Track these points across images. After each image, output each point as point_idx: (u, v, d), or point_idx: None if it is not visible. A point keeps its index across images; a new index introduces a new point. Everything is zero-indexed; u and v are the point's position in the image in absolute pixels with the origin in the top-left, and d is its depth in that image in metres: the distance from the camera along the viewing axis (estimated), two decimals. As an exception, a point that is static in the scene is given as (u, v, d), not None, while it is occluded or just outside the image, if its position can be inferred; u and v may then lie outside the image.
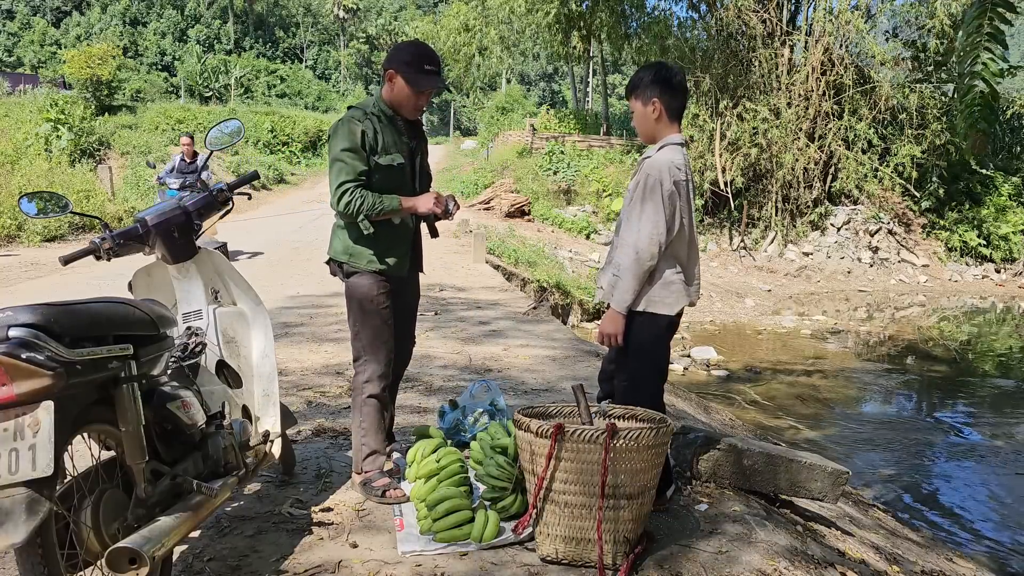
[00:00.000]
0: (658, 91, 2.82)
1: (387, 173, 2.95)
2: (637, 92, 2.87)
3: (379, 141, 2.93)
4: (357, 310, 3.04)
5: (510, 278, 10.71)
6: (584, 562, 2.50)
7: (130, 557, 1.80)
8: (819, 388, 8.54)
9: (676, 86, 2.84)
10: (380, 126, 2.95)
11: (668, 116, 2.84)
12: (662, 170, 2.74)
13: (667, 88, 2.82)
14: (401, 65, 2.91)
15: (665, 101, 2.82)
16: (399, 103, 2.97)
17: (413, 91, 2.92)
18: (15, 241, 12.20)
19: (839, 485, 3.33)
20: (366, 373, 3.04)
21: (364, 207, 2.86)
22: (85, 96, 24.25)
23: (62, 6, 62.93)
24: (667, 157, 2.78)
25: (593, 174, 20.56)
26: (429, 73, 2.91)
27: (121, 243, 2.57)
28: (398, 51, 2.97)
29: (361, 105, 3.01)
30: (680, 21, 21.25)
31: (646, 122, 2.86)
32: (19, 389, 1.67)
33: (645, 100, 2.84)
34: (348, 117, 2.96)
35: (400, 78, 2.91)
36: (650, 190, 2.73)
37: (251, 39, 64.85)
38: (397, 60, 2.92)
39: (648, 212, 2.73)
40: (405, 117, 3.02)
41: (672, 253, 2.83)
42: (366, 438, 3.05)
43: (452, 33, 29.33)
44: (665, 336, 2.93)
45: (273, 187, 22.75)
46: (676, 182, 2.75)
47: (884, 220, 18.03)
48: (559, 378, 5.18)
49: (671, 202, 2.74)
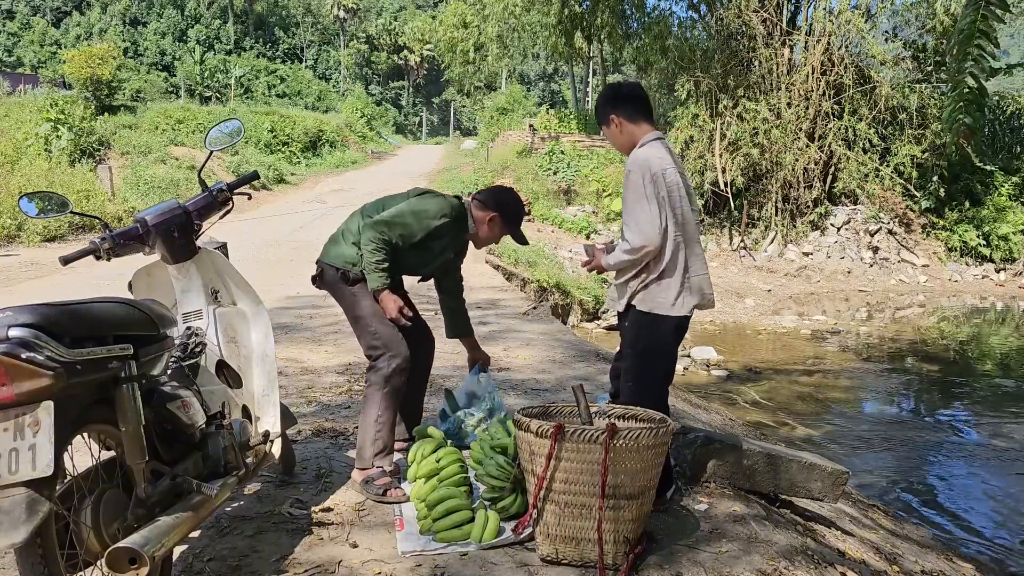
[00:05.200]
0: (611, 107, 2.98)
1: (419, 253, 3.16)
2: (600, 119, 3.07)
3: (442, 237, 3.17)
4: (370, 309, 3.07)
5: (510, 278, 10.71)
6: (584, 562, 2.50)
7: (130, 557, 1.80)
8: (819, 388, 8.54)
9: (626, 94, 3.01)
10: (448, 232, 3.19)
11: (631, 122, 2.96)
12: (642, 165, 2.83)
13: (618, 100, 2.99)
14: (508, 216, 3.25)
15: (621, 112, 2.96)
16: (483, 239, 3.29)
17: (499, 230, 3.26)
18: (15, 241, 12.20)
19: (839, 485, 3.34)
20: (390, 366, 3.03)
21: (370, 263, 3.03)
22: (85, 96, 24.23)
23: (62, 6, 62.93)
24: (645, 152, 2.87)
25: (593, 174, 20.55)
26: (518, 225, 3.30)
27: (121, 243, 2.57)
28: (509, 202, 3.29)
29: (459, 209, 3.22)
30: (680, 21, 21.19)
31: (619, 138, 3.00)
32: (19, 389, 1.67)
33: (607, 121, 3.00)
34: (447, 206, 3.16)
35: (501, 225, 3.25)
36: (634, 186, 2.82)
37: (251, 39, 64.87)
38: (505, 210, 3.25)
39: (637, 209, 2.80)
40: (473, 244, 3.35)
41: (674, 250, 2.84)
42: (381, 432, 3.04)
43: (450, 29, 29.31)
44: (672, 338, 2.93)
45: (273, 187, 22.73)
46: (656, 173, 2.80)
47: (884, 220, 18.01)
48: (559, 378, 5.18)
49: (655, 192, 2.79)
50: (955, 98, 3.07)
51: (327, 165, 28.59)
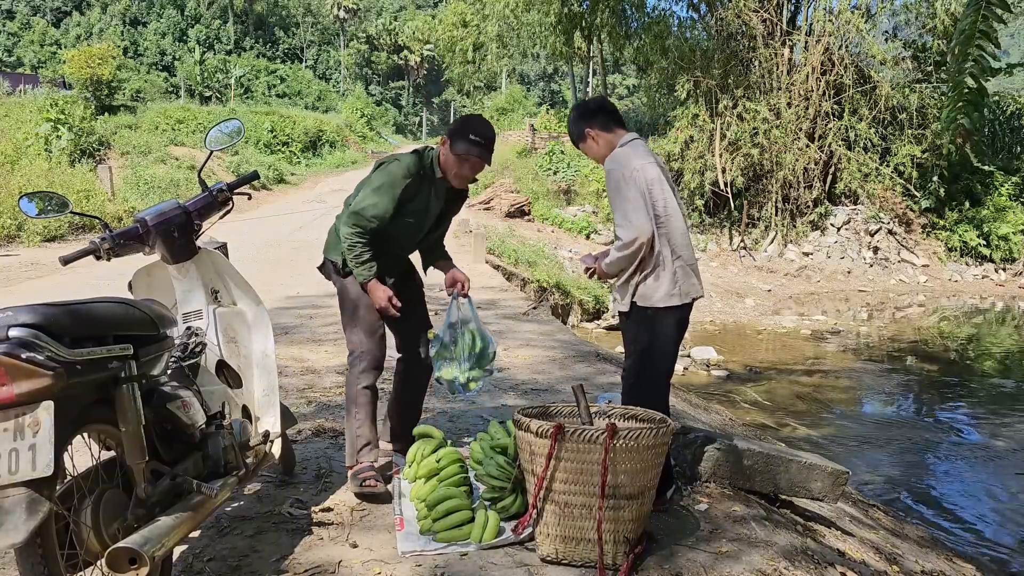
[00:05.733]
0: (584, 122, 3.04)
1: (399, 226, 3.06)
2: (575, 138, 3.10)
3: (415, 197, 3.05)
4: (352, 306, 3.10)
5: (510, 278, 10.71)
6: (584, 562, 2.50)
7: (130, 557, 1.80)
8: (819, 388, 8.54)
9: (594, 108, 3.09)
10: (422, 187, 3.07)
11: (606, 131, 3.02)
12: (619, 162, 2.91)
13: (587, 115, 3.06)
14: (453, 132, 3.05)
15: (595, 124, 3.03)
16: (446, 168, 3.08)
17: (455, 157, 3.02)
18: (15, 241, 12.19)
19: (839, 485, 3.34)
20: (361, 365, 3.09)
21: (351, 251, 2.98)
22: (85, 96, 24.23)
23: (62, 6, 62.94)
24: (622, 151, 2.95)
25: (593, 174, 20.54)
26: (473, 143, 3.00)
27: (121, 243, 2.57)
28: (457, 120, 3.14)
29: (419, 161, 3.08)
30: (680, 21, 21.18)
31: (596, 149, 3.06)
32: (19, 389, 1.67)
33: (583, 136, 3.06)
34: (404, 166, 3.04)
35: (450, 145, 3.03)
36: (614, 186, 2.89)
37: (251, 39, 64.88)
38: (452, 127, 3.09)
39: (621, 204, 2.86)
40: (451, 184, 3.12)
41: (666, 243, 2.88)
42: (361, 429, 3.09)
43: (449, 28, 29.28)
44: (672, 333, 2.95)
45: (273, 187, 22.74)
46: (635, 167, 2.86)
47: (884, 220, 18.01)
48: (559, 378, 5.18)
49: (635, 185, 2.84)
50: (954, 98, 3.07)
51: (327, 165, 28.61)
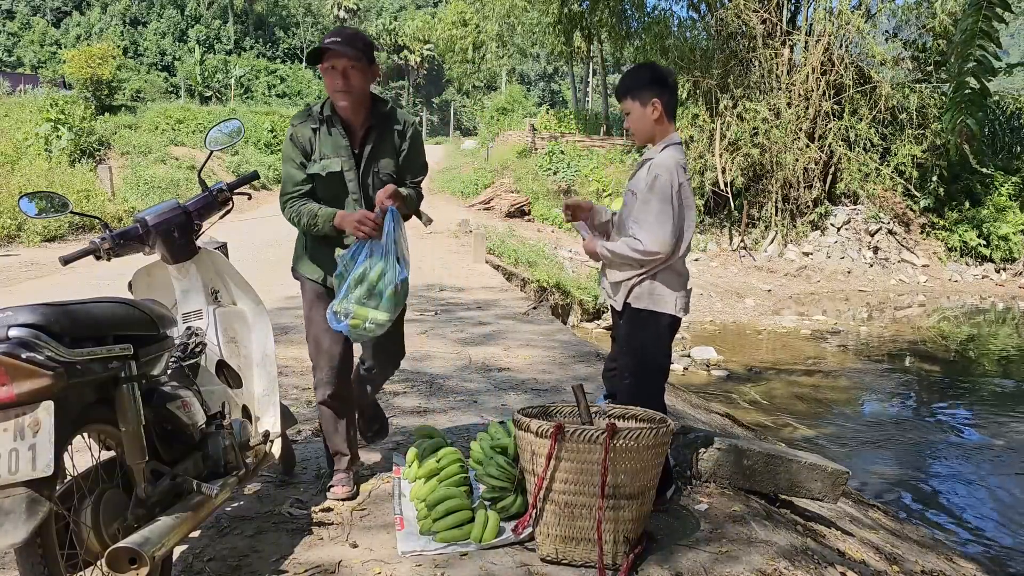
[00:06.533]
0: (656, 91, 2.82)
1: (321, 182, 2.83)
2: (633, 93, 2.85)
3: (313, 147, 2.82)
4: (305, 321, 3.05)
5: (510, 278, 10.71)
6: (584, 562, 2.50)
7: (130, 557, 1.80)
8: (819, 388, 8.54)
9: (672, 86, 2.89)
10: (320, 131, 2.82)
11: (667, 116, 2.85)
12: (672, 170, 2.75)
13: (665, 88, 2.84)
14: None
15: (664, 101, 2.82)
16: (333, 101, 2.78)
17: (323, 76, 2.74)
18: (15, 241, 12.19)
19: (839, 485, 3.33)
20: (313, 380, 3.06)
21: (301, 224, 2.85)
22: (85, 96, 24.22)
23: (62, 6, 62.94)
24: (675, 157, 2.80)
25: (593, 174, 20.57)
26: (324, 43, 2.66)
27: (121, 243, 2.57)
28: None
29: (304, 113, 2.87)
30: (680, 21, 21.18)
31: (645, 123, 2.85)
32: (19, 389, 1.67)
33: (644, 101, 2.82)
34: (295, 122, 2.86)
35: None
36: (660, 191, 2.73)
37: (251, 39, 64.86)
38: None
39: (661, 213, 2.73)
40: (344, 117, 2.80)
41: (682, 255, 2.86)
42: (327, 440, 3.12)
43: (449, 27, 29.28)
44: (667, 335, 2.94)
45: (273, 187, 22.71)
46: (684, 183, 2.78)
47: (884, 220, 18.01)
48: (559, 378, 5.18)
49: (679, 202, 2.76)
50: (955, 99, 3.07)
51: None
